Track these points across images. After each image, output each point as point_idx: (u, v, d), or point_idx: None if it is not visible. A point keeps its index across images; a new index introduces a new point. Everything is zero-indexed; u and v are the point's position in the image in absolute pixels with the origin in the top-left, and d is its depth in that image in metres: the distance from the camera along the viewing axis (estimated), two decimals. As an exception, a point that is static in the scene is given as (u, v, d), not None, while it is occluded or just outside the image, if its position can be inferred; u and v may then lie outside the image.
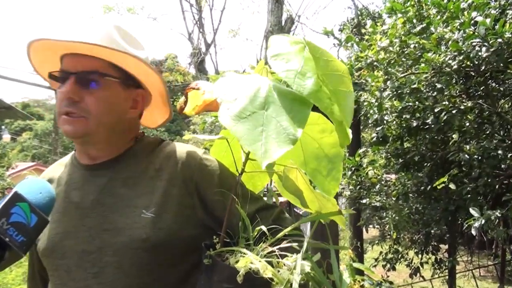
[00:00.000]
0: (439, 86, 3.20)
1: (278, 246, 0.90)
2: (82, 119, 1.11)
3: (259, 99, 0.81)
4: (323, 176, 1.05)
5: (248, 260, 0.84)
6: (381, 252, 4.52)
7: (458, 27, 2.95)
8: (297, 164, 1.02)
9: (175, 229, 1.09)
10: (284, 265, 0.86)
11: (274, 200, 2.76)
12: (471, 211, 2.66)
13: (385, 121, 3.47)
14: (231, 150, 1.08)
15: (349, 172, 4.10)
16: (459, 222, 4.01)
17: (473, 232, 2.58)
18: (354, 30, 8.89)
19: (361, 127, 5.19)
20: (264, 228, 0.95)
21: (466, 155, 3.05)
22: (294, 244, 0.92)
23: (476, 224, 2.57)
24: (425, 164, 3.78)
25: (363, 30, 4.27)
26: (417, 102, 3.33)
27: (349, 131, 0.87)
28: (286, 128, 0.77)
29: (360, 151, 4.19)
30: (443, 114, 3.13)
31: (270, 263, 0.86)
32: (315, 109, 0.86)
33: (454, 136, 3.28)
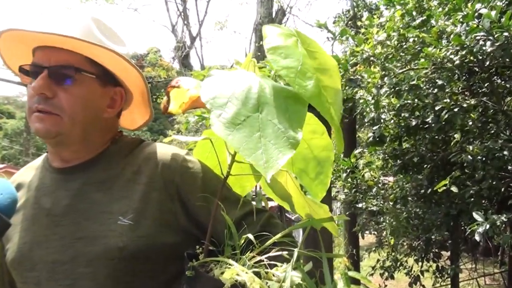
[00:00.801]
0: (440, 82, 3.21)
1: (267, 255, 0.89)
2: (55, 117, 1.10)
3: (251, 101, 0.79)
4: (310, 178, 1.05)
5: (234, 272, 0.83)
6: (378, 260, 4.53)
7: (461, 19, 2.96)
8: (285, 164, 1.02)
9: (155, 237, 1.08)
10: (273, 276, 0.85)
11: (263, 204, 2.75)
12: (475, 215, 2.68)
13: (382, 120, 3.48)
14: (215, 151, 1.07)
15: (344, 175, 4.11)
16: (462, 227, 4.03)
17: (477, 238, 2.59)
18: (349, 22, 8.91)
19: (357, 126, 5.20)
20: (250, 236, 0.94)
21: (469, 156, 3.07)
22: (284, 253, 0.91)
23: (480, 230, 2.59)
24: (425, 165, 3.80)
25: (359, 23, 4.29)
26: (416, 100, 3.34)
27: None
28: (285, 131, 0.76)
29: (356, 152, 4.20)
30: (444, 112, 3.14)
31: (258, 274, 0.85)
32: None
33: (456, 136, 3.29)
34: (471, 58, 3.00)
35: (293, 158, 1.06)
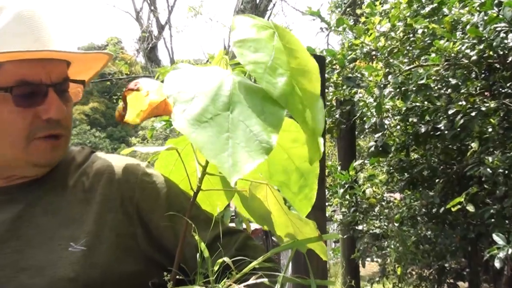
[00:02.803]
0: (453, 82, 3.26)
1: (245, 283, 0.90)
2: (65, 140, 1.17)
3: (222, 98, 0.81)
4: (293, 192, 1.07)
5: (207, 303, 0.84)
6: (382, 293, 4.54)
7: (478, 8, 3.01)
8: (263, 175, 1.03)
9: (112, 265, 1.09)
10: (253, 307, 0.86)
11: (244, 226, 2.76)
12: (495, 237, 2.70)
13: (386, 126, 3.51)
14: (183, 162, 1.08)
15: (341, 190, 4.13)
16: (482, 253, 4.06)
17: (497, 264, 2.61)
18: (347, 10, 8.99)
19: (356, 133, 5.23)
20: (228, 260, 0.95)
21: (488, 169, 3.10)
22: (266, 280, 0.93)
23: (501, 254, 2.60)
24: (437, 180, 3.83)
25: (358, 11, 4.33)
26: (426, 102, 3.38)
27: (321, 143, 0.88)
28: (258, 134, 0.78)
29: (355, 163, 4.23)
30: (459, 117, 3.17)
31: (235, 305, 0.86)
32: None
33: (473, 144, 3.32)
34: (491, 53, 3.04)
35: (271, 170, 1.08)
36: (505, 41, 2.87)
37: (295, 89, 0.84)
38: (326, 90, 3.82)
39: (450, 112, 3.23)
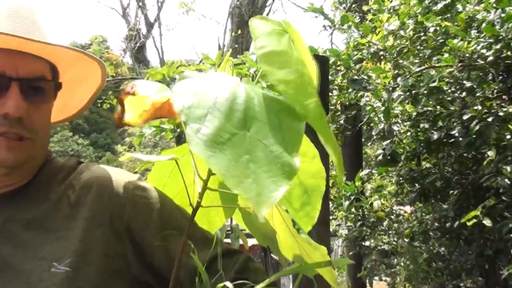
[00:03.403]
0: (468, 84, 3.26)
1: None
2: (27, 143, 1.13)
3: (237, 114, 0.78)
4: (293, 208, 1.06)
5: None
6: (392, 315, 4.54)
7: (495, 4, 3.01)
8: None
9: None
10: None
11: (241, 242, 2.75)
12: (515, 255, 2.70)
13: (394, 133, 3.51)
14: (181, 174, 1.06)
15: (347, 203, 4.13)
16: (500, 271, 4.06)
17: (517, 284, 2.61)
18: (352, 6, 9.02)
19: (363, 140, 5.23)
20: (229, 285, 0.94)
21: (506, 180, 3.10)
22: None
23: (521, 273, 2.61)
24: (451, 191, 3.83)
25: (365, 7, 4.33)
26: (438, 107, 3.38)
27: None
28: (278, 156, 0.75)
29: (362, 173, 4.22)
30: (474, 123, 3.18)
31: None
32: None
33: (489, 153, 3.32)
34: (509, 53, 3.05)
35: None
36: (524, 40, 2.87)
37: (321, 107, 0.82)
38: (330, 94, 3.82)
39: (464, 117, 3.23)
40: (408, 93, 3.28)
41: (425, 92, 3.24)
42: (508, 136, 3.26)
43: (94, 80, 1.26)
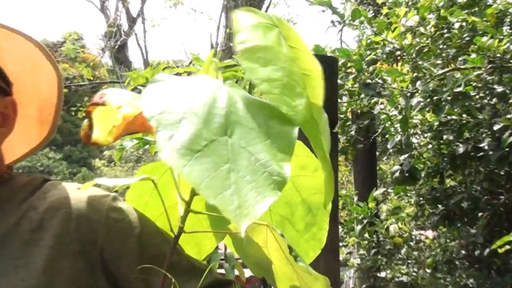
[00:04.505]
0: (500, 89, 3.26)
1: None
2: None
3: (216, 118, 0.78)
4: (297, 230, 1.06)
5: None
6: None
7: (529, -4, 3.02)
8: None
9: None
10: None
11: (237, 272, 2.75)
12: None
13: (413, 145, 3.51)
14: (160, 195, 1.06)
15: (359, 227, 4.12)
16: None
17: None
18: (365, -1, 9.06)
19: (377, 155, 5.23)
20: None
21: (544, 200, 3.10)
22: None
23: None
24: (480, 213, 3.83)
25: (379, 0, 4.35)
26: (464, 115, 3.38)
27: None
28: (265, 164, 0.75)
29: (376, 193, 4.22)
30: (507, 134, 3.18)
31: None
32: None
33: (525, 169, 3.33)
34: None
35: None
36: None
37: (312, 110, 0.82)
38: (340, 100, 3.82)
39: (495, 127, 3.24)
40: (429, 100, 3.29)
41: (449, 98, 3.25)
42: (546, 150, 3.27)
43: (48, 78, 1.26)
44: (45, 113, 1.27)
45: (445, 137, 3.60)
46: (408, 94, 3.30)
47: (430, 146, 3.73)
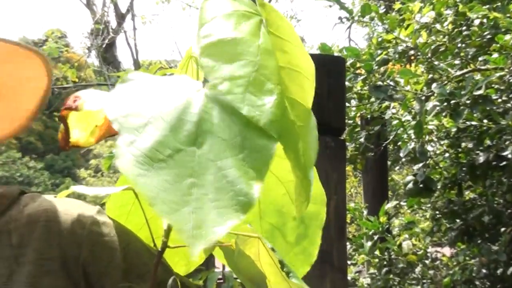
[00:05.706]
0: (524, 92, 3.26)
1: None
2: None
3: (187, 126, 0.77)
4: (287, 242, 1.06)
5: None
6: None
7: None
8: (252, 215, 1.01)
9: None
10: None
11: (234, 291, 2.74)
12: None
13: (429, 154, 3.51)
14: (142, 208, 1.06)
15: (369, 244, 4.12)
16: None
17: None
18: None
19: (389, 164, 5.23)
20: None
21: None
22: None
23: None
24: (502, 229, 3.82)
25: (391, -6, 4.35)
26: (485, 121, 3.38)
27: (311, 179, 0.86)
28: (234, 182, 0.74)
29: (388, 206, 4.22)
30: (532, 141, 3.18)
31: None
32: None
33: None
34: None
35: (262, 209, 1.07)
36: None
37: (288, 110, 0.81)
38: (348, 104, 3.82)
39: (519, 134, 3.23)
40: (446, 104, 3.29)
41: (468, 102, 3.25)
42: None
43: (37, 80, 1.25)
44: (20, 109, 1.27)
45: (463, 144, 3.60)
46: (423, 98, 3.30)
47: (447, 154, 3.72)
